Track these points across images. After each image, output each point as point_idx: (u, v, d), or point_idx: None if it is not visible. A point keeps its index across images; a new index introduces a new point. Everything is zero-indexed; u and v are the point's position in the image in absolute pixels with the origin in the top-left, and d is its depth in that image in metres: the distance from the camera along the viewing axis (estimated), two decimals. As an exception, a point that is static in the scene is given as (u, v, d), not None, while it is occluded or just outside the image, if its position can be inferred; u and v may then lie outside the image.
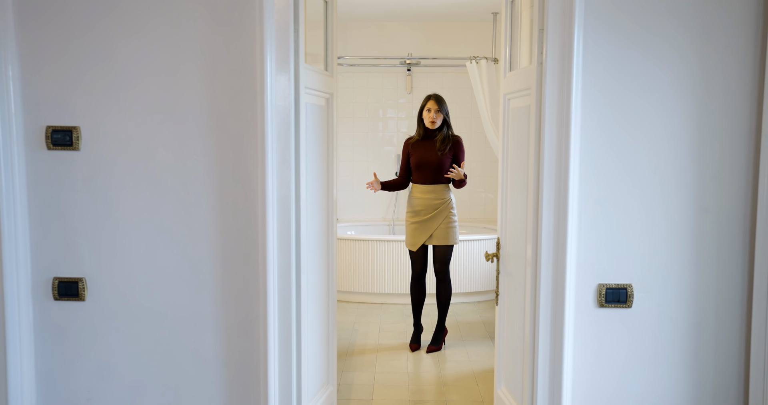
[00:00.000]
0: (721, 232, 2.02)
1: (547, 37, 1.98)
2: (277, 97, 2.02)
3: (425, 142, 4.06)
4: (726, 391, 2.06)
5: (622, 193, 2.03)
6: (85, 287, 2.14)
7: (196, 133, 2.09)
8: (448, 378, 3.75)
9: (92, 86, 2.08)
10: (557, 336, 2.06)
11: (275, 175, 2.04)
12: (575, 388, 2.09)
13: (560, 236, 2.01)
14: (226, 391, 2.16)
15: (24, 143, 2.10)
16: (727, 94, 1.99)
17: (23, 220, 2.11)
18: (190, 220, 2.12)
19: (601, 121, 2.01)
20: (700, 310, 2.05)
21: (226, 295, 2.13)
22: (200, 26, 2.04)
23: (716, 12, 1.96)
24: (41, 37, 2.06)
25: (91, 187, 2.12)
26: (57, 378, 2.18)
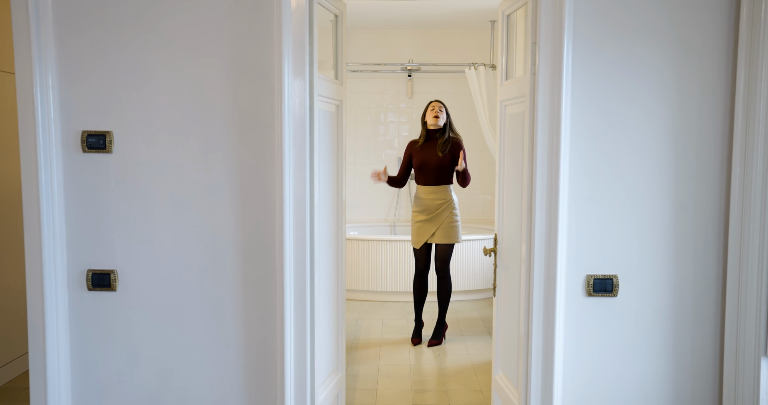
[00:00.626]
0: (698, 227, 2.22)
1: (540, 50, 2.18)
2: (293, 104, 2.21)
3: (428, 144, 4.25)
4: (703, 372, 2.26)
5: (608, 191, 2.22)
6: (116, 278, 2.34)
7: (219, 137, 2.28)
8: (448, 369, 3.94)
9: (124, 95, 2.28)
10: (549, 323, 2.25)
11: (292, 176, 2.24)
12: (566, 370, 2.28)
13: (552, 231, 2.21)
14: (245, 374, 2.35)
15: (62, 146, 2.30)
16: (702, 103, 2.19)
17: (60, 216, 2.30)
18: (213, 217, 2.31)
19: (589, 126, 2.21)
20: (679, 298, 2.24)
21: (245, 285, 2.32)
22: (223, 41, 2.24)
23: (692, 29, 2.16)
24: (79, 49, 2.26)
25: (123, 186, 2.31)
26: (90, 362, 2.37)
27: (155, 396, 2.38)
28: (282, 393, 2.30)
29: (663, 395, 2.27)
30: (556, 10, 2.15)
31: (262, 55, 2.24)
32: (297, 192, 2.25)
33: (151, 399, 2.38)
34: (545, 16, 2.17)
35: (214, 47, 2.25)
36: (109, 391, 2.38)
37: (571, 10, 2.14)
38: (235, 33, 2.24)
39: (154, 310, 2.35)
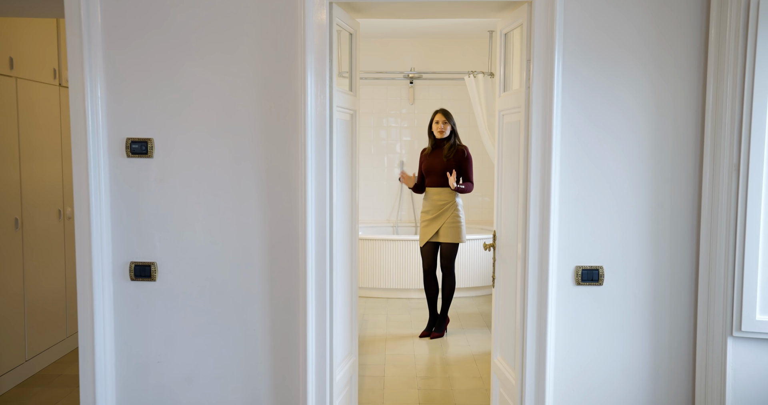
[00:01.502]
0: (674, 223, 2.51)
1: (533, 66, 2.47)
2: (316, 114, 2.50)
3: (435, 151, 4.57)
4: (678, 351, 2.54)
5: (594, 191, 2.51)
6: (156, 269, 2.61)
7: (247, 143, 2.56)
8: (450, 359, 4.22)
9: (164, 105, 2.56)
10: (542, 309, 2.53)
11: (314, 178, 2.52)
12: (557, 351, 2.56)
13: (544, 227, 2.49)
14: (271, 355, 2.63)
15: (108, 152, 2.58)
16: (676, 114, 2.48)
17: (106, 215, 2.58)
18: (243, 214, 2.59)
19: (577, 134, 2.49)
20: (657, 286, 2.53)
21: (271, 276, 2.60)
22: (253, 58, 2.52)
23: (668, 49, 2.45)
24: (124, 65, 2.54)
25: (162, 187, 2.59)
26: (132, 344, 2.64)
27: (191, 375, 2.65)
28: (304, 371, 2.57)
29: (643, 372, 2.55)
30: (547, 31, 2.44)
31: (286, 71, 2.52)
32: (318, 192, 2.53)
33: (186, 378, 2.65)
34: (538, 37, 2.45)
35: (244, 64, 2.53)
36: (149, 370, 2.65)
37: (561, 31, 2.43)
38: (263, 51, 2.52)
39: (190, 298, 2.63)
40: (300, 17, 2.47)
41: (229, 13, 2.51)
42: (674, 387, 2.55)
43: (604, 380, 2.57)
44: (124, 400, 2.66)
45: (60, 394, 3.56)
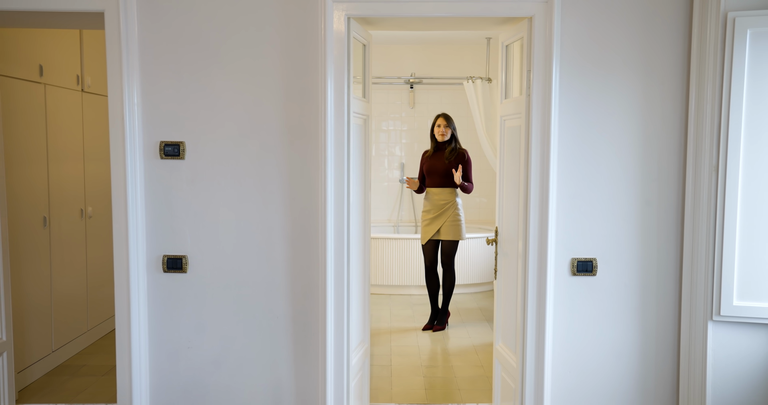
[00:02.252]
0: (660, 218, 2.76)
1: (533, 76, 2.72)
2: (335, 119, 2.73)
3: (437, 154, 4.81)
4: (664, 335, 2.79)
5: (588, 190, 2.76)
6: (187, 262, 2.84)
7: (272, 146, 2.80)
8: (452, 350, 4.46)
9: (195, 112, 2.79)
10: (541, 297, 2.77)
11: (333, 178, 2.75)
12: (555, 336, 2.80)
13: (543, 223, 2.73)
14: (292, 341, 2.86)
15: (143, 154, 2.80)
16: (663, 118, 2.73)
17: (142, 212, 2.81)
18: (267, 211, 2.82)
19: (573, 137, 2.74)
20: (645, 276, 2.78)
21: (293, 268, 2.83)
22: (276, 69, 2.76)
23: (655, 60, 2.70)
24: (159, 75, 2.77)
25: (193, 187, 2.82)
26: (165, 331, 2.87)
27: (218, 359, 2.88)
28: (324, 355, 2.81)
29: (632, 354, 2.80)
30: (546, 44, 2.68)
31: (307, 80, 2.76)
32: (337, 191, 2.77)
33: (215, 362, 2.88)
34: (537, 49, 2.70)
35: (269, 73, 2.77)
36: (180, 355, 2.88)
37: (558, 44, 2.68)
38: (286, 62, 2.76)
39: (218, 288, 2.86)
40: (321, 30, 2.71)
41: (255, 28, 2.75)
42: (660, 367, 2.80)
43: (598, 362, 2.81)
44: (156, 383, 2.89)
45: (87, 382, 3.77)
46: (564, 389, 2.82)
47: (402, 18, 2.84)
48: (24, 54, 3.68)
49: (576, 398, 2.83)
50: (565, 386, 2.83)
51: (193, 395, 2.89)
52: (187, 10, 2.75)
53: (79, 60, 4.29)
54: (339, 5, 2.69)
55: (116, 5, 2.69)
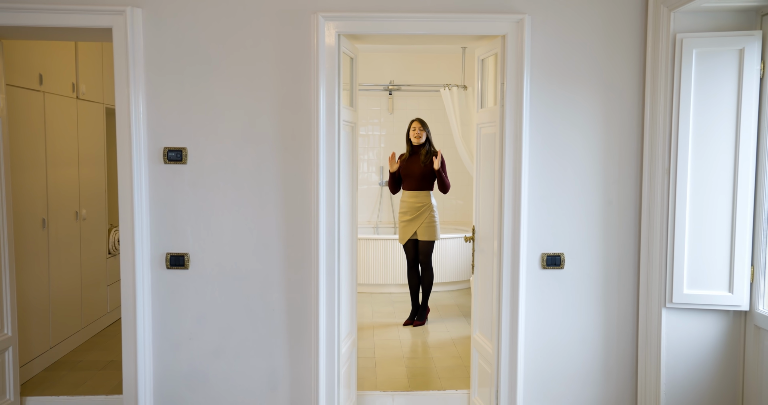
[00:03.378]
0: (620, 217, 3.07)
1: (506, 88, 3.00)
2: (327, 127, 2.98)
3: (412, 157, 5.07)
4: (624, 321, 3.10)
5: (556, 191, 3.05)
6: (188, 259, 3.06)
7: (268, 151, 3.04)
8: (431, 342, 4.73)
9: (196, 120, 3.01)
10: (515, 288, 3.05)
11: (325, 181, 3.00)
12: (527, 324, 3.09)
13: (516, 221, 3.02)
14: (287, 331, 3.09)
15: (148, 159, 3.02)
16: (622, 127, 3.04)
17: (146, 212, 3.02)
18: (263, 212, 3.06)
19: (542, 143, 3.03)
20: (607, 268, 3.08)
21: (288, 264, 3.07)
22: (272, 81, 3.00)
23: (615, 76, 3.01)
24: (162, 86, 2.99)
25: (194, 189, 3.04)
26: (168, 323, 3.08)
27: (218, 350, 3.10)
28: (317, 344, 3.05)
29: (596, 339, 3.10)
30: (518, 59, 2.97)
31: (301, 91, 3.01)
32: (328, 193, 3.01)
33: (215, 352, 3.10)
34: (510, 64, 2.99)
35: (265, 85, 3.01)
36: (182, 346, 3.09)
37: (529, 60, 2.97)
38: (282, 74, 3.00)
39: (217, 283, 3.08)
40: (313, 45, 2.96)
41: (252, 42, 2.99)
42: (621, 350, 3.11)
43: (565, 346, 3.11)
44: (160, 372, 3.10)
45: (84, 376, 3.95)
46: (535, 372, 3.11)
47: (387, 35, 3.10)
48: (25, 64, 3.86)
49: (546, 380, 3.12)
50: (536, 369, 3.11)
51: (194, 383, 3.11)
52: (189, 27, 2.97)
53: (74, 68, 4.47)
54: (330, 23, 2.95)
55: (124, 22, 2.91)
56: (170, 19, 2.96)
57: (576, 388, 3.12)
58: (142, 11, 2.95)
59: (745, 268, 2.77)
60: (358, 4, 2.98)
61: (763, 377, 2.77)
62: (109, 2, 2.93)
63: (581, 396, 3.13)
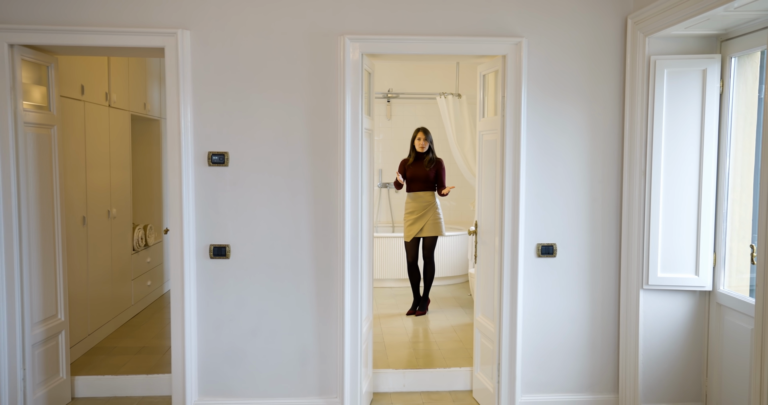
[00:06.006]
0: (604, 211, 3.56)
1: (507, 101, 3.48)
2: (351, 133, 3.43)
3: (417, 162, 5.55)
4: (608, 302, 3.58)
5: (549, 190, 3.53)
6: (229, 250, 3.48)
7: (300, 155, 3.47)
8: (433, 329, 5.19)
9: (237, 127, 3.44)
10: (514, 275, 3.52)
11: (350, 180, 3.44)
12: (525, 305, 3.56)
13: (515, 215, 3.49)
14: (316, 313, 3.53)
15: (194, 162, 3.44)
16: (605, 134, 3.53)
17: (193, 209, 3.44)
18: (295, 208, 3.49)
19: (537, 149, 3.51)
20: (593, 256, 3.56)
21: (316, 253, 3.51)
22: (303, 94, 3.44)
23: (599, 90, 3.50)
24: (207, 98, 3.42)
25: (234, 188, 3.47)
26: (210, 307, 3.50)
27: (255, 329, 3.53)
28: (342, 324, 3.49)
29: (584, 318, 3.58)
30: (516, 76, 3.45)
31: (328, 102, 3.46)
32: (353, 191, 3.46)
33: (252, 332, 3.53)
34: (510, 80, 3.46)
35: (296, 97, 3.45)
36: (223, 326, 3.51)
37: (525, 77, 3.44)
38: (311, 88, 3.45)
39: (254, 270, 3.51)
40: (340, 63, 3.41)
41: (286, 60, 3.43)
42: (605, 326, 3.60)
43: (557, 325, 3.58)
44: (204, 349, 3.52)
45: (122, 360, 4.34)
46: (531, 347, 3.58)
47: (402, 55, 3.56)
48: (70, 75, 4.26)
49: (540, 353, 3.59)
50: (532, 345, 3.58)
51: (234, 359, 3.53)
52: (231, 47, 3.41)
53: (107, 79, 4.87)
54: (355, 44, 3.40)
55: (175, 42, 3.33)
56: (214, 40, 3.40)
57: (566, 360, 3.60)
58: (190, 33, 3.38)
59: (708, 254, 3.27)
60: (379, 28, 3.44)
61: (723, 346, 3.26)
62: (162, 25, 3.35)
63: (571, 366, 3.61)
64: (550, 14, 3.45)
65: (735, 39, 3.15)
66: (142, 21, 3.34)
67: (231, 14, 3.39)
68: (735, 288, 3.25)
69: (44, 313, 3.59)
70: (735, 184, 3.24)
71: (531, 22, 3.45)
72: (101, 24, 3.32)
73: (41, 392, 3.56)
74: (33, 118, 3.46)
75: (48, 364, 3.63)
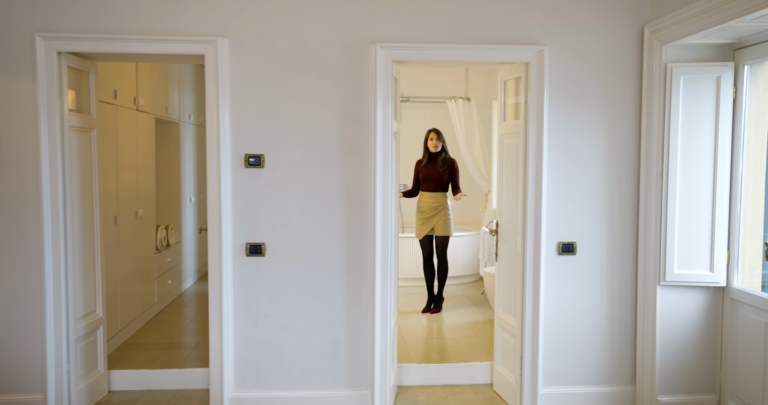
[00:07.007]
0: (622, 211, 3.73)
1: (530, 106, 3.65)
2: (382, 136, 3.60)
3: (430, 163, 5.71)
4: (626, 298, 3.75)
5: (570, 191, 3.70)
6: (265, 248, 3.64)
7: (331, 157, 3.64)
8: (449, 325, 5.36)
9: (272, 130, 3.60)
10: (536, 272, 3.69)
11: (380, 180, 3.61)
12: (546, 301, 3.73)
13: (538, 215, 3.66)
14: (347, 308, 3.69)
15: (231, 164, 3.60)
16: (623, 138, 3.70)
17: (230, 209, 3.60)
18: (328, 207, 3.65)
19: (558, 152, 3.68)
20: (611, 254, 3.74)
21: (348, 252, 3.67)
22: (335, 98, 3.60)
23: (617, 95, 3.67)
24: (244, 103, 3.57)
25: (270, 189, 3.63)
26: (247, 302, 3.65)
27: (289, 324, 3.69)
28: (372, 318, 3.65)
29: (602, 313, 3.75)
30: (539, 82, 3.62)
31: (359, 107, 3.62)
32: (383, 190, 3.62)
33: (286, 326, 3.69)
34: (532, 86, 3.63)
35: (329, 101, 3.61)
36: (259, 321, 3.67)
37: (548, 83, 3.61)
38: (343, 93, 3.61)
39: (289, 268, 3.67)
40: (371, 70, 3.57)
41: (320, 66, 3.59)
42: (623, 321, 3.77)
43: (576, 319, 3.75)
44: (240, 343, 3.67)
45: (153, 355, 4.49)
46: (552, 340, 3.75)
47: (427, 62, 3.73)
48: (105, 80, 4.41)
49: (560, 347, 3.76)
50: (552, 338, 3.75)
51: (269, 352, 3.69)
52: (267, 53, 3.57)
53: (135, 84, 5.02)
54: (386, 52, 3.57)
55: (215, 50, 3.49)
56: (251, 47, 3.56)
57: (585, 353, 3.77)
58: (229, 41, 3.54)
59: (722, 252, 3.45)
60: (407, 36, 3.61)
61: (737, 339, 3.44)
62: (201, 33, 3.51)
63: (590, 359, 3.78)
64: (569, 23, 3.63)
65: (748, 48, 3.34)
66: (182, 29, 3.50)
67: (267, 23, 3.55)
68: (748, 284, 3.43)
69: (85, 309, 3.74)
70: (747, 186, 3.42)
71: (552, 30, 3.62)
72: (142, 32, 3.47)
73: (82, 385, 3.71)
74: (76, 121, 3.61)
75: (88, 358, 3.78)
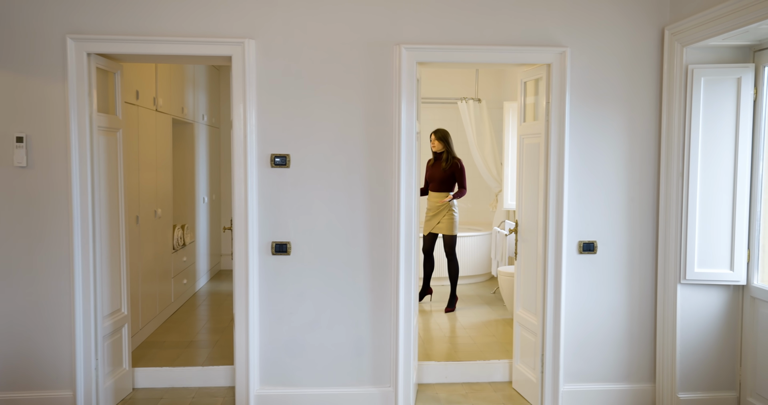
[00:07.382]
0: (642, 211, 3.78)
1: (552, 106, 3.70)
2: (406, 136, 3.65)
3: (436, 163, 5.80)
4: (646, 296, 3.80)
5: (591, 190, 3.75)
6: (290, 247, 3.69)
7: (356, 158, 3.68)
8: (464, 323, 5.41)
9: (298, 131, 3.65)
10: (558, 270, 3.74)
11: (405, 179, 3.66)
12: (567, 299, 3.78)
13: (559, 215, 3.71)
14: (371, 305, 3.73)
15: (257, 164, 3.65)
16: (643, 138, 3.76)
17: (256, 208, 3.64)
18: (352, 207, 3.70)
19: (579, 152, 3.73)
20: (632, 253, 3.79)
21: (371, 250, 3.72)
22: (359, 100, 3.65)
23: (637, 95, 3.73)
24: (270, 104, 3.62)
25: (295, 188, 3.68)
26: (272, 301, 3.70)
27: (314, 321, 3.73)
28: (396, 316, 3.70)
29: (622, 310, 3.80)
30: (560, 83, 3.67)
31: (384, 107, 3.67)
32: (407, 190, 3.67)
33: (311, 323, 3.73)
34: (554, 87, 3.69)
35: (353, 102, 3.66)
36: (284, 318, 3.72)
37: (569, 84, 3.66)
38: (368, 94, 3.66)
39: (313, 266, 3.71)
40: (395, 71, 3.62)
41: (344, 68, 3.64)
42: (642, 319, 3.82)
43: (597, 317, 3.80)
44: (266, 340, 3.71)
45: (174, 353, 4.53)
46: (573, 338, 3.80)
47: (449, 63, 3.78)
48: (128, 82, 4.45)
49: (581, 344, 3.81)
50: (573, 336, 3.80)
51: (294, 350, 3.73)
52: (293, 56, 3.62)
53: (155, 85, 5.06)
54: (410, 53, 3.62)
55: (242, 51, 3.54)
56: (278, 48, 3.60)
57: (606, 351, 3.82)
58: (255, 42, 3.58)
59: (743, 250, 3.50)
60: (431, 38, 3.66)
61: (757, 336, 3.50)
62: (229, 35, 3.56)
63: (610, 357, 3.83)
64: (590, 25, 3.68)
65: (768, 50, 3.39)
66: (210, 31, 3.55)
67: (294, 25, 3.60)
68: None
69: (111, 307, 3.78)
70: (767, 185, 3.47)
71: (573, 32, 3.68)
72: (170, 33, 3.52)
73: (109, 382, 3.75)
74: (103, 121, 3.66)
75: (114, 355, 3.82)
